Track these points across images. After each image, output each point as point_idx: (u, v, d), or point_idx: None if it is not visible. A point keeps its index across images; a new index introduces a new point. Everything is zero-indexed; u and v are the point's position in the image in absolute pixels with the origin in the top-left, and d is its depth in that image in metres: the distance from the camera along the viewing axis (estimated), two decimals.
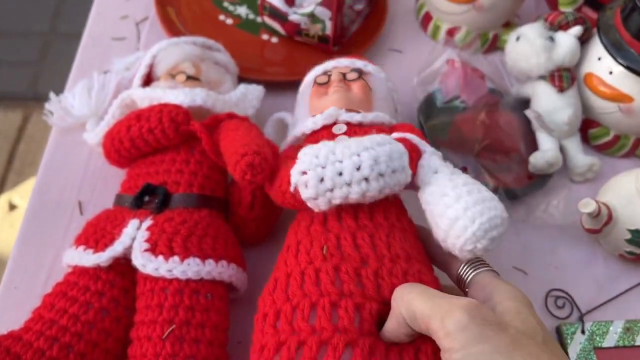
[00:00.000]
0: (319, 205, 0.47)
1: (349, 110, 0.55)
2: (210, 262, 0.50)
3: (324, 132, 0.54)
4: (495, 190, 0.63)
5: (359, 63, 0.61)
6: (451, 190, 0.46)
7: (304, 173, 0.46)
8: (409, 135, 0.51)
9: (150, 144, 0.56)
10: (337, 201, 0.46)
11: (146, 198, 0.54)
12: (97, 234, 0.52)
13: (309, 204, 0.47)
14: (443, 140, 0.67)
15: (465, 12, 0.74)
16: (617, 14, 0.64)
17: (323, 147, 0.47)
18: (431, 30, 0.79)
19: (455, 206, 0.45)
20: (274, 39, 0.76)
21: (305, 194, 0.47)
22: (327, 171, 0.45)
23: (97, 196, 0.63)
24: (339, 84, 0.57)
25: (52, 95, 0.66)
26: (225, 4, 0.79)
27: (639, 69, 0.62)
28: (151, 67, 0.62)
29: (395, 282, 0.43)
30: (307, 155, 0.47)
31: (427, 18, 0.80)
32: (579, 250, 0.65)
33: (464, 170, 0.64)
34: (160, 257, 0.49)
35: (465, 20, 0.75)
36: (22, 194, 1.67)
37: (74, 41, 2.05)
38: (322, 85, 0.58)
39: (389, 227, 0.48)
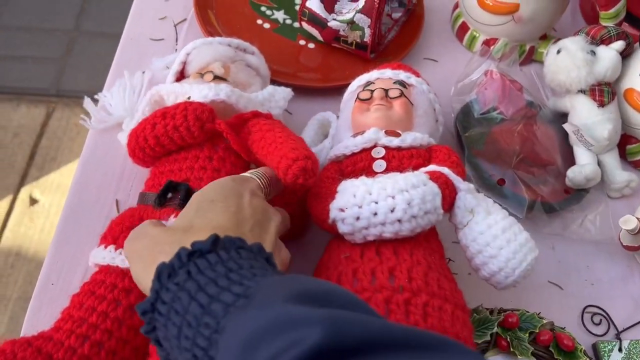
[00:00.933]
0: (355, 239, 0.50)
1: (388, 133, 0.56)
2: None
3: (364, 155, 0.56)
4: (532, 204, 0.63)
5: (402, 75, 0.61)
6: (492, 241, 0.50)
7: (342, 210, 0.49)
8: (445, 170, 0.53)
9: (175, 142, 0.56)
10: (371, 238, 0.49)
11: (169, 195, 0.54)
12: (125, 233, 0.52)
13: (345, 237, 0.50)
14: (479, 151, 0.67)
15: (503, 23, 0.74)
16: None
17: (361, 185, 0.50)
18: (467, 40, 0.79)
19: (499, 257, 0.50)
20: (311, 45, 0.76)
21: (342, 229, 0.50)
22: (363, 211, 0.48)
23: (134, 195, 0.64)
24: (380, 102, 0.58)
25: (86, 98, 0.66)
26: (263, 9, 0.79)
27: None
28: (184, 65, 0.63)
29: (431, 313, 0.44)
30: (345, 193, 0.50)
31: (464, 28, 0.79)
32: (615, 266, 0.64)
33: (501, 183, 0.64)
34: None
35: (503, 31, 0.75)
36: (43, 188, 1.69)
37: (98, 39, 2.07)
38: (364, 101, 0.59)
39: (426, 263, 0.49)
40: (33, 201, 1.67)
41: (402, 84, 0.60)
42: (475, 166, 0.65)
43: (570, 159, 0.67)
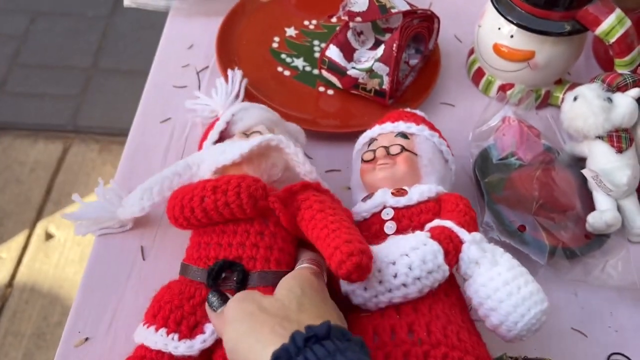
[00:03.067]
0: (369, 308, 0.51)
1: (394, 194, 0.57)
2: None
3: (375, 219, 0.58)
4: (553, 250, 0.64)
5: (402, 126, 0.62)
6: (493, 294, 0.50)
7: (351, 284, 0.50)
8: (447, 224, 0.53)
9: (224, 217, 0.55)
10: (383, 305, 0.50)
11: (223, 275, 0.53)
12: (176, 314, 0.51)
13: (361, 307, 0.51)
14: (499, 197, 0.67)
15: (519, 70, 0.75)
16: None
17: None
18: (483, 85, 0.81)
19: (499, 310, 0.50)
20: (330, 91, 0.78)
21: (354, 301, 0.51)
22: (369, 282, 0.49)
23: (158, 241, 0.65)
24: (383, 161, 0.60)
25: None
26: (283, 56, 0.81)
27: None
28: (228, 125, 0.64)
29: None
30: None
31: (480, 74, 0.81)
32: (639, 312, 0.64)
33: (522, 229, 0.65)
34: None
35: (519, 77, 0.76)
36: (59, 224, 1.71)
37: (115, 76, 2.12)
38: (368, 162, 0.61)
39: (445, 317, 0.49)
40: (49, 236, 1.69)
41: (404, 135, 0.61)
42: (496, 213, 0.65)
43: (589, 204, 0.68)
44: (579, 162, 0.71)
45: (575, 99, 0.68)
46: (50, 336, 1.50)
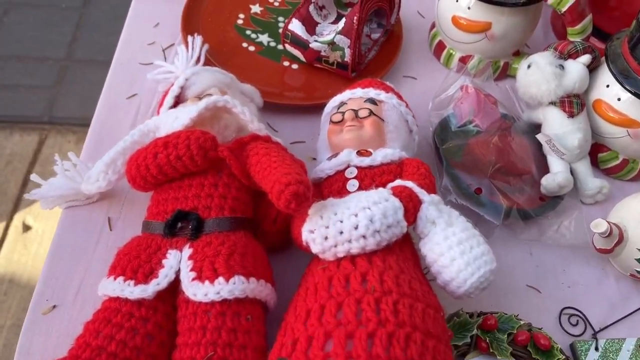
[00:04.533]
0: (327, 257, 0.52)
1: (360, 153, 0.59)
2: (253, 280, 0.52)
3: (338, 176, 0.59)
4: (509, 211, 0.66)
5: (372, 92, 0.64)
6: (446, 251, 0.53)
7: (312, 232, 0.52)
8: (409, 184, 0.55)
9: (178, 171, 0.57)
10: (341, 254, 0.52)
11: (179, 225, 0.55)
12: (133, 263, 0.53)
13: (319, 256, 0.53)
14: (457, 162, 0.69)
15: (477, 41, 0.78)
16: (625, 44, 0.67)
17: (329, 207, 0.53)
18: (444, 58, 0.83)
19: (451, 267, 0.52)
20: (294, 66, 0.80)
21: (313, 249, 0.52)
22: (330, 231, 0.51)
23: (125, 213, 0.66)
24: (351, 123, 0.61)
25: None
26: (248, 32, 0.83)
27: None
28: (182, 90, 0.65)
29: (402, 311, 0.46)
30: (314, 216, 0.53)
31: (440, 47, 0.83)
32: (590, 270, 0.67)
33: (478, 192, 0.67)
34: (207, 282, 0.50)
35: (478, 49, 0.78)
36: (36, 215, 1.70)
37: (90, 67, 2.10)
38: (336, 123, 0.62)
39: (398, 268, 0.51)
40: (26, 228, 1.68)
41: (373, 101, 0.63)
42: (454, 177, 0.67)
43: (544, 168, 0.70)
44: (536, 129, 0.73)
45: (529, 66, 0.70)
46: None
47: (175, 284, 0.53)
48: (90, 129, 0.74)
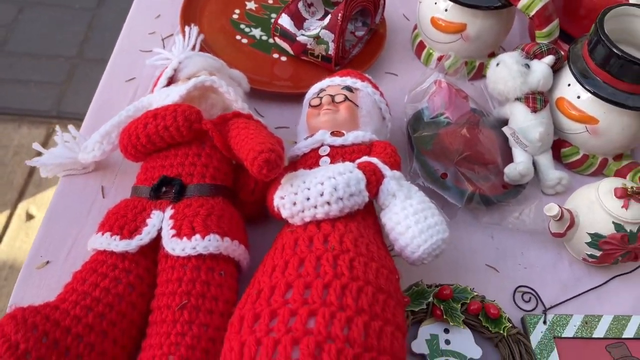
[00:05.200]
0: (295, 222, 0.58)
1: (333, 134, 0.65)
2: (227, 240, 0.57)
3: (312, 154, 0.65)
4: (471, 196, 0.71)
5: (349, 81, 0.70)
6: (403, 220, 0.58)
7: (282, 198, 0.58)
8: (374, 160, 0.61)
9: (165, 140, 0.62)
10: (308, 219, 0.57)
11: (163, 189, 0.61)
12: (120, 221, 0.59)
13: (289, 220, 0.58)
14: (427, 151, 0.75)
15: (453, 41, 0.83)
16: (585, 46, 0.73)
17: (299, 176, 0.59)
18: (424, 57, 0.89)
19: (407, 234, 0.58)
20: (283, 58, 0.86)
21: (283, 214, 0.58)
22: (298, 197, 0.57)
23: (118, 182, 0.71)
24: (328, 107, 0.67)
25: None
26: (242, 26, 0.89)
27: (603, 94, 0.70)
28: (175, 72, 0.71)
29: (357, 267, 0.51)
30: (284, 183, 0.59)
31: (421, 46, 0.89)
32: (546, 254, 0.72)
33: (444, 176, 0.72)
34: (185, 238, 0.56)
35: (454, 49, 0.84)
36: (40, 205, 1.76)
37: (99, 66, 2.17)
38: (314, 107, 0.68)
39: (357, 232, 0.56)
40: (29, 217, 1.74)
41: (349, 88, 0.69)
42: (423, 163, 0.73)
43: (509, 160, 0.75)
44: (504, 124, 0.78)
45: (497, 64, 0.76)
46: None
47: (157, 241, 0.58)
48: (90, 107, 0.80)
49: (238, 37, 0.87)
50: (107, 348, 0.53)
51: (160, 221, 0.58)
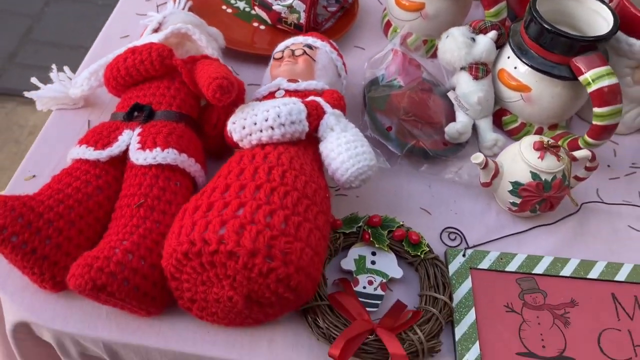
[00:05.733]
0: (244, 145, 0.67)
1: (290, 80, 0.75)
2: (184, 156, 0.67)
3: (270, 96, 0.74)
4: (412, 148, 0.80)
5: (310, 40, 0.80)
6: (336, 147, 0.67)
7: (234, 123, 0.67)
8: (318, 99, 0.70)
9: (141, 73, 0.73)
10: (254, 142, 0.66)
11: (135, 114, 0.71)
12: (96, 137, 0.69)
13: (239, 144, 0.67)
14: (380, 111, 0.84)
15: (414, 19, 0.93)
16: (523, 24, 0.82)
17: (250, 106, 0.68)
18: (390, 34, 0.98)
19: (338, 159, 0.66)
20: (262, 27, 0.96)
21: (234, 137, 0.67)
22: (247, 121, 0.66)
23: (103, 118, 0.81)
24: (288, 59, 0.77)
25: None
26: None
27: (534, 64, 0.79)
28: (160, 25, 0.81)
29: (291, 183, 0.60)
30: (237, 112, 0.68)
31: (388, 25, 0.99)
32: (477, 204, 0.80)
33: (389, 129, 0.81)
34: (147, 150, 0.65)
35: (415, 26, 0.93)
36: None
37: None
38: (277, 59, 0.78)
39: (295, 154, 0.65)
40: None
41: (309, 46, 0.78)
42: (372, 117, 0.82)
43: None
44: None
45: (447, 37, 0.85)
46: None
47: (125, 156, 0.68)
48: (86, 56, 0.90)
49: (224, 7, 0.98)
50: (73, 235, 0.62)
51: (129, 138, 0.68)
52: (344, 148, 0.66)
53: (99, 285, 0.56)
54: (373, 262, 0.69)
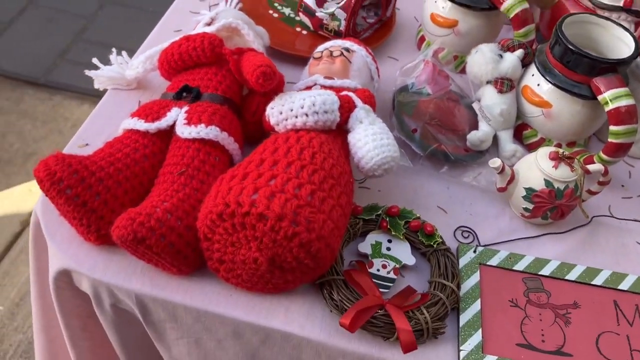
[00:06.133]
0: (280, 129, 0.73)
1: (326, 77, 0.81)
2: (224, 134, 0.74)
3: (306, 89, 0.80)
4: (435, 151, 0.85)
5: (347, 44, 0.86)
6: (363, 137, 0.73)
7: (272, 108, 0.74)
8: (350, 94, 0.76)
9: (192, 59, 0.80)
10: (289, 127, 0.72)
11: (184, 94, 0.78)
12: (147, 111, 0.76)
13: (274, 128, 0.73)
14: (408, 115, 0.89)
15: (447, 35, 0.99)
16: (549, 44, 0.87)
17: (288, 94, 0.75)
18: (423, 48, 1.04)
19: (364, 148, 0.72)
20: (304, 32, 1.03)
21: (270, 120, 0.74)
22: (284, 108, 0.73)
23: (153, 99, 0.89)
24: (326, 59, 0.83)
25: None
26: (276, 4, 1.07)
27: (556, 82, 0.84)
28: (212, 20, 0.89)
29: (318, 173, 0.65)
30: (276, 99, 0.75)
31: (422, 39, 1.05)
32: (492, 208, 0.84)
33: (414, 131, 0.87)
34: (193, 126, 0.72)
35: (447, 42, 0.99)
36: None
37: None
38: (316, 59, 0.85)
39: (325, 140, 0.71)
40: None
41: (347, 49, 0.85)
42: (400, 119, 0.87)
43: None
44: None
45: (476, 52, 0.91)
46: None
47: (171, 130, 0.75)
48: (142, 45, 0.99)
49: (270, 11, 1.06)
50: (119, 194, 0.69)
51: (177, 114, 0.75)
52: (370, 139, 0.72)
53: (139, 238, 0.62)
54: (388, 249, 0.74)
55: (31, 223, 0.78)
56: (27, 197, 1.91)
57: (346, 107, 0.74)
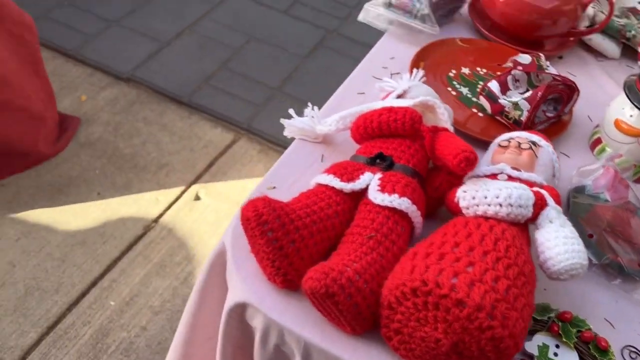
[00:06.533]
0: (468, 213, 0.75)
1: (513, 168, 0.82)
2: (414, 207, 0.77)
3: (492, 177, 0.82)
4: (609, 261, 0.83)
5: (535, 138, 0.88)
6: (553, 239, 0.73)
7: (465, 192, 0.76)
8: (543, 191, 0.77)
9: (390, 129, 0.85)
10: (479, 213, 0.74)
11: (377, 161, 0.82)
12: (342, 170, 0.81)
13: (462, 211, 0.75)
14: (581, 218, 0.89)
15: (630, 143, 0.98)
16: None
17: (482, 180, 0.77)
18: (597, 151, 1.04)
19: (553, 249, 0.72)
20: (480, 114, 1.06)
21: (461, 203, 0.76)
22: (478, 193, 0.75)
23: (334, 155, 0.94)
24: (514, 149, 0.85)
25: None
26: (454, 83, 1.11)
27: None
28: (404, 92, 0.94)
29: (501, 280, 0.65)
30: (469, 183, 0.77)
31: (597, 142, 1.04)
32: None
33: (590, 237, 0.86)
34: (386, 194, 0.76)
35: (628, 150, 0.98)
36: (209, 191, 2.09)
37: (291, 101, 2.55)
38: (503, 147, 0.86)
39: (516, 234, 0.72)
40: (197, 198, 2.07)
41: (534, 143, 0.86)
42: (575, 221, 0.87)
43: None
44: None
45: None
46: (168, 269, 1.84)
47: (362, 193, 0.79)
48: (328, 101, 1.05)
49: (449, 89, 1.10)
50: (310, 245, 0.73)
51: (370, 179, 0.79)
52: (561, 241, 0.72)
53: (330, 293, 0.66)
54: (555, 354, 0.73)
55: (216, 250, 0.84)
56: (154, 205, 2.05)
57: (538, 204, 0.75)
